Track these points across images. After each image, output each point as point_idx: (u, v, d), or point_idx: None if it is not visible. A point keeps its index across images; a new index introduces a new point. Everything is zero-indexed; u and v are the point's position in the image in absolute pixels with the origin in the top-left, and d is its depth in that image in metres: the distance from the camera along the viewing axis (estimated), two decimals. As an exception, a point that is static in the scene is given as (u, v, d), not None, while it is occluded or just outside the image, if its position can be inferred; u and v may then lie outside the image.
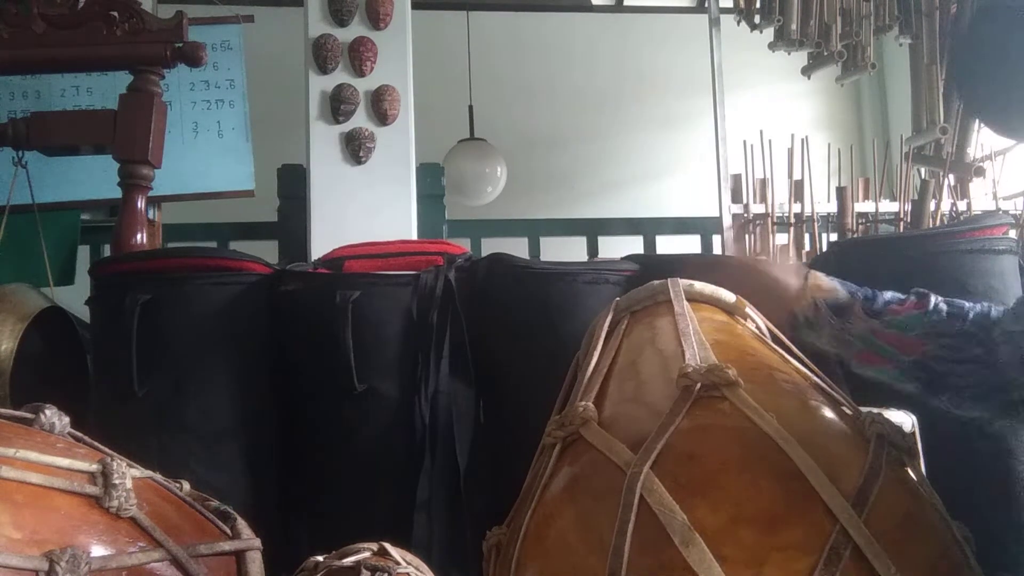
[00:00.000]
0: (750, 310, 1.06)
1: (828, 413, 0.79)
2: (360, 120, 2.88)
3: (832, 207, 3.38)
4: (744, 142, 3.39)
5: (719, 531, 0.64)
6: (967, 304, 1.12)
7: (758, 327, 1.05)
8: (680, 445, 0.72)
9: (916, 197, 3.33)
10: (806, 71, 3.64)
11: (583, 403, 0.82)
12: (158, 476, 0.79)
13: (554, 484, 0.78)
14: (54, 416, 0.78)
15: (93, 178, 2.65)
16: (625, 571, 0.64)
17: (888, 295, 1.16)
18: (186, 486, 0.82)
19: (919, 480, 0.76)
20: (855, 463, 0.70)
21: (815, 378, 0.89)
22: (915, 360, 1.10)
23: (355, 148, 2.86)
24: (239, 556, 0.76)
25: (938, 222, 3.21)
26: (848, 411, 0.82)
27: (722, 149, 3.31)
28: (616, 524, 0.66)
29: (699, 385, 0.77)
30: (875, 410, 0.92)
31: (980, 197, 3.35)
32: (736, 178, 3.37)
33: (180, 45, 1.93)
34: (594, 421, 0.80)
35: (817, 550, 0.62)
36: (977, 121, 3.21)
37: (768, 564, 0.62)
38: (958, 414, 1.11)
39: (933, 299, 1.13)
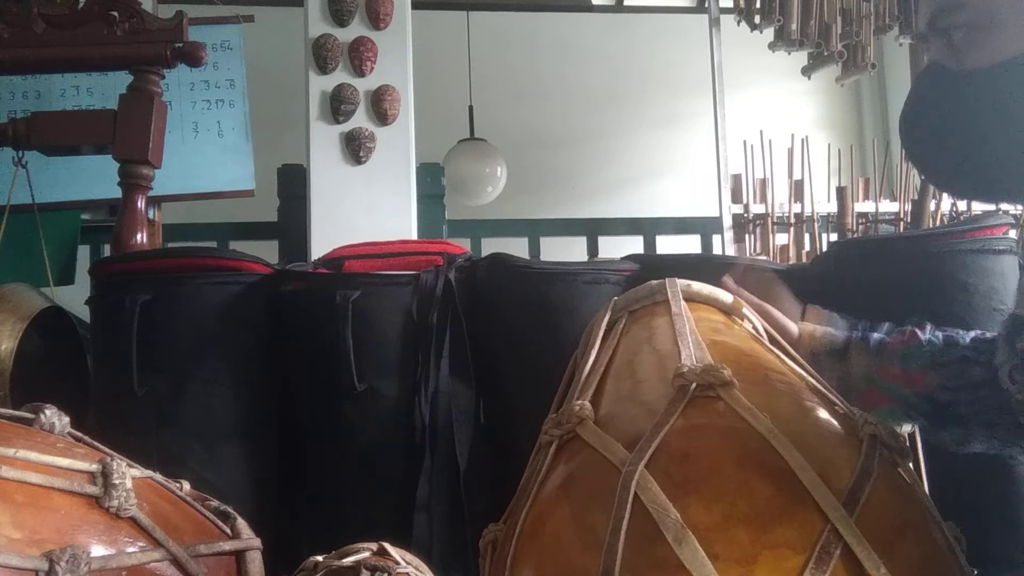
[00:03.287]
0: (747, 310, 1.06)
1: (822, 414, 0.79)
2: (360, 120, 2.89)
3: (832, 207, 3.39)
4: (744, 142, 3.40)
5: (712, 529, 0.65)
6: (960, 331, 1.12)
7: (755, 327, 1.05)
8: (674, 444, 0.72)
9: (916, 197, 3.33)
10: (806, 71, 3.65)
11: (580, 401, 0.83)
12: (158, 476, 0.79)
13: (550, 482, 0.79)
14: (54, 416, 0.78)
15: (93, 178, 2.65)
16: (619, 568, 0.64)
17: (884, 328, 1.16)
18: (186, 486, 0.83)
19: (911, 481, 0.76)
20: (847, 463, 0.71)
21: (811, 379, 0.90)
22: (919, 393, 1.09)
23: (355, 148, 2.86)
24: (239, 556, 0.76)
25: (938, 222, 3.22)
26: (842, 412, 0.82)
27: (722, 149, 3.32)
28: (610, 522, 0.67)
29: (694, 385, 0.77)
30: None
31: (980, 197, 3.35)
32: (736, 178, 3.38)
33: (180, 45, 1.93)
34: (590, 419, 0.80)
35: (807, 549, 0.63)
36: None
37: (759, 562, 0.63)
38: (965, 452, 1.10)
39: (928, 328, 1.13)
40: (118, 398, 1.40)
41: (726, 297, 1.07)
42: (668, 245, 3.32)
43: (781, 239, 3.41)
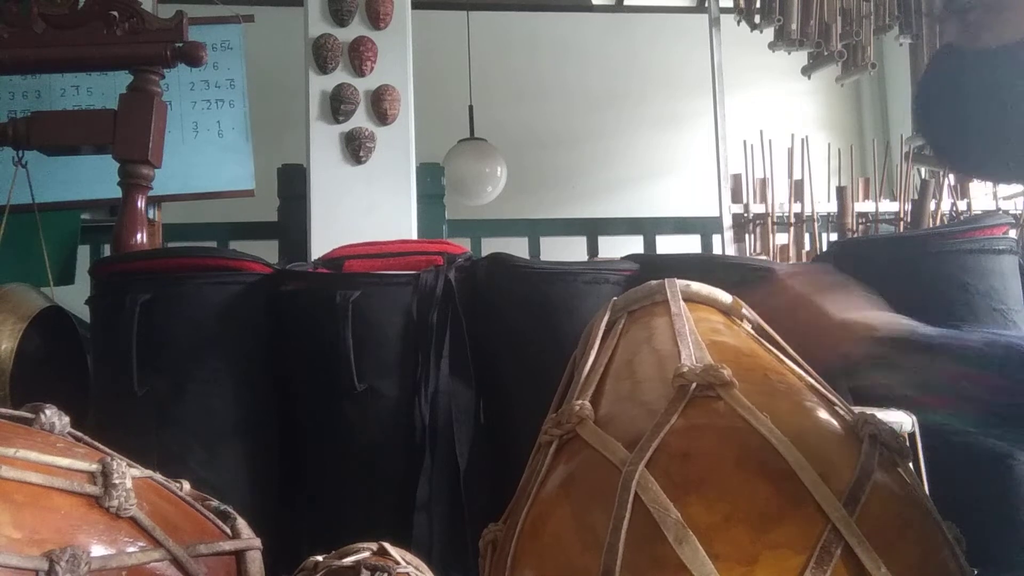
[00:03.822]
0: (746, 311, 1.06)
1: (822, 414, 0.79)
2: (360, 120, 2.89)
3: (832, 207, 3.39)
4: (744, 142, 3.39)
5: (712, 529, 0.65)
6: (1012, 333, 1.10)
7: (754, 327, 1.05)
8: (675, 444, 0.72)
9: (916, 197, 3.33)
10: (806, 71, 3.64)
11: (580, 401, 0.83)
12: (158, 476, 0.79)
13: (550, 481, 0.79)
14: (54, 416, 0.78)
15: (93, 178, 2.65)
16: (619, 568, 0.65)
17: (936, 330, 1.12)
18: (186, 486, 0.83)
19: (911, 481, 0.76)
20: (847, 463, 0.71)
21: (810, 379, 0.90)
22: (995, 391, 1.06)
23: (355, 148, 2.86)
24: (239, 556, 0.76)
25: (938, 222, 3.21)
26: (842, 412, 0.82)
27: (722, 149, 3.31)
28: (611, 521, 0.67)
29: (694, 385, 0.77)
30: (872, 410, 0.92)
31: (980, 197, 3.35)
32: (736, 178, 3.38)
33: (180, 45, 1.93)
34: (590, 419, 0.80)
35: (808, 548, 0.63)
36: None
37: (760, 562, 0.63)
38: None
39: (984, 331, 1.11)
40: (118, 398, 1.40)
41: (725, 297, 1.07)
42: (668, 245, 3.31)
43: (781, 239, 3.41)
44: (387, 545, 0.92)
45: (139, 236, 1.93)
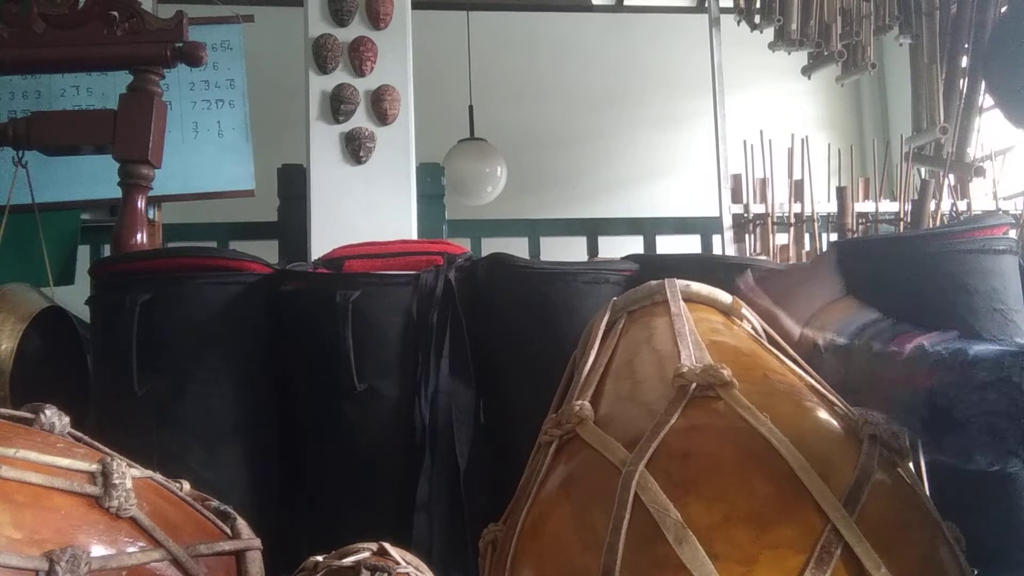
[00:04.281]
0: (746, 311, 1.06)
1: (822, 414, 0.80)
2: (360, 120, 2.89)
3: (832, 207, 3.39)
4: (744, 142, 3.39)
5: (712, 529, 0.65)
6: (966, 343, 1.10)
7: (754, 328, 1.05)
8: (675, 444, 0.72)
9: (916, 197, 3.33)
10: (806, 71, 3.64)
11: (579, 402, 0.83)
12: (158, 476, 0.79)
13: (550, 482, 0.79)
14: (54, 416, 0.78)
15: (93, 178, 2.65)
16: (619, 568, 0.65)
17: (890, 325, 1.12)
18: (186, 486, 0.83)
19: (911, 481, 0.76)
20: (847, 463, 0.71)
21: (809, 379, 0.90)
22: (919, 394, 1.06)
23: (355, 148, 2.86)
24: (239, 556, 0.76)
25: (938, 222, 3.21)
26: (842, 412, 0.82)
27: (722, 149, 3.32)
28: (611, 521, 0.67)
29: (694, 385, 0.77)
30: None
31: (980, 197, 3.36)
32: (736, 178, 3.38)
33: (180, 45, 1.93)
34: (590, 420, 0.80)
35: (808, 549, 0.63)
36: (977, 120, 3.23)
37: (760, 562, 0.63)
38: (966, 466, 1.07)
39: (934, 337, 1.11)
40: (118, 398, 1.40)
41: (725, 297, 1.07)
42: (668, 245, 3.31)
43: (781, 239, 3.41)
44: (387, 545, 0.92)
45: (139, 236, 1.93)
